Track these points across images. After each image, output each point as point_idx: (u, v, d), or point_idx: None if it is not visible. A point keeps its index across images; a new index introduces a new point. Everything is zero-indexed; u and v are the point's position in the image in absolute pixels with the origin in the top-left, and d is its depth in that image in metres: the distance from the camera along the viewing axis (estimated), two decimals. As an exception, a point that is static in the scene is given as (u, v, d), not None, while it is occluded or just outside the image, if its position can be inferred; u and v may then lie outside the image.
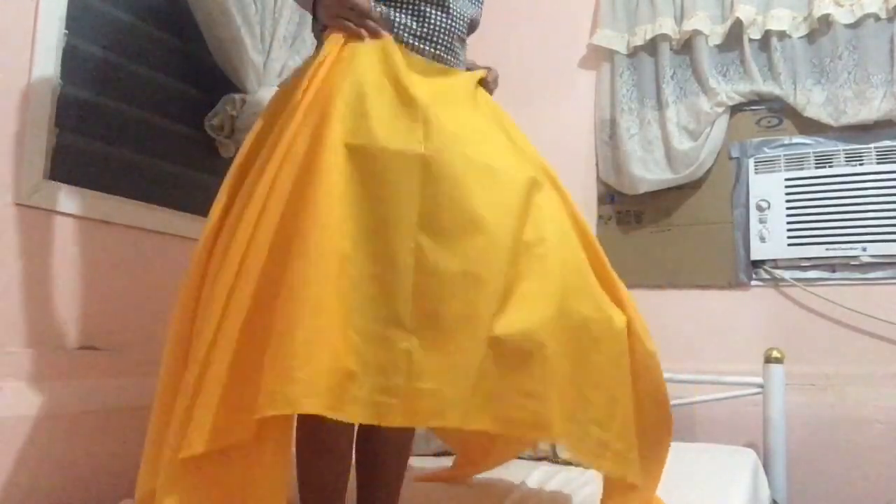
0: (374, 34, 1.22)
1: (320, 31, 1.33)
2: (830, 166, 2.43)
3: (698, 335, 2.54)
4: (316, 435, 1.14)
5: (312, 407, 0.93)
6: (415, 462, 1.89)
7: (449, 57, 1.36)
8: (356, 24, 1.22)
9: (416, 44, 1.30)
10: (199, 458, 0.99)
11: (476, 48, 3.03)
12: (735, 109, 2.58)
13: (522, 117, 3.00)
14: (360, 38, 1.21)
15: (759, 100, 2.54)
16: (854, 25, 2.39)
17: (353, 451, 1.27)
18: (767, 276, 2.49)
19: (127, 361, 1.59)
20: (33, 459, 1.36)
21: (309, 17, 2.03)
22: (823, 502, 2.28)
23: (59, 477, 1.24)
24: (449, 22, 1.34)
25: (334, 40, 1.21)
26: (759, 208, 2.50)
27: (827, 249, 2.39)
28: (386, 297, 1.02)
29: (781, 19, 2.48)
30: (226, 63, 1.82)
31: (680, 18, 2.63)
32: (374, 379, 0.99)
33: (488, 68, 1.50)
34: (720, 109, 2.55)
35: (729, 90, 2.55)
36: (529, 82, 2.95)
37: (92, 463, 1.47)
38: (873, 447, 2.25)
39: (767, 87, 2.50)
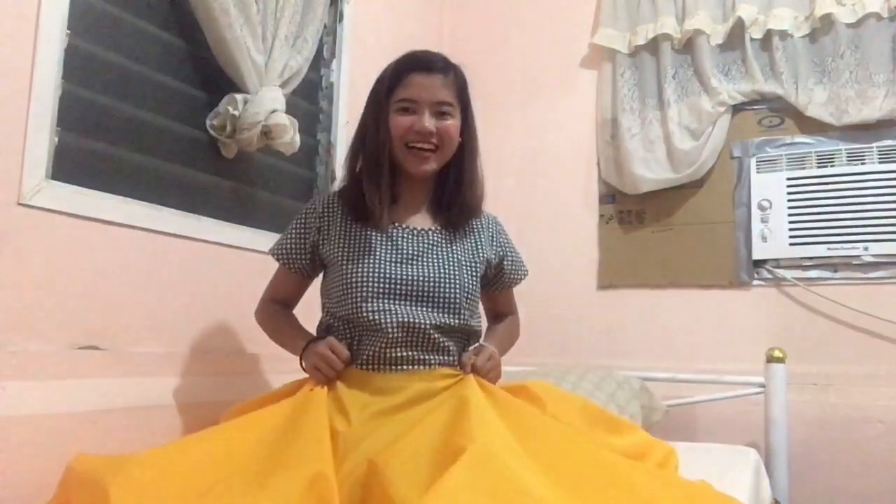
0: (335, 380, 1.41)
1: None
2: (832, 166, 2.42)
3: (700, 335, 2.54)
4: None
5: None
6: None
7: (409, 366, 1.42)
8: (325, 374, 1.40)
9: (369, 366, 1.42)
10: None
11: (478, 48, 3.04)
12: (737, 109, 2.57)
13: (524, 117, 3.02)
14: (325, 382, 1.40)
15: (760, 99, 2.54)
16: (856, 25, 2.39)
17: None
18: (769, 276, 2.48)
19: (127, 361, 1.58)
20: (34, 459, 1.36)
21: (310, 17, 2.05)
22: (825, 501, 2.28)
23: (60, 477, 1.24)
24: (403, 335, 1.41)
25: (308, 385, 1.42)
26: (761, 208, 2.49)
27: (829, 249, 2.38)
28: None
29: (783, 18, 2.47)
30: (227, 63, 1.82)
31: (681, 18, 2.62)
32: None
33: (472, 362, 1.45)
34: (722, 109, 2.55)
35: (730, 90, 2.55)
36: (531, 82, 2.95)
37: (94, 462, 1.47)
38: (875, 446, 2.25)
39: (769, 87, 2.50)
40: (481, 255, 1.56)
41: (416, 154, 1.46)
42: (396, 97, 1.46)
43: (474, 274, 1.52)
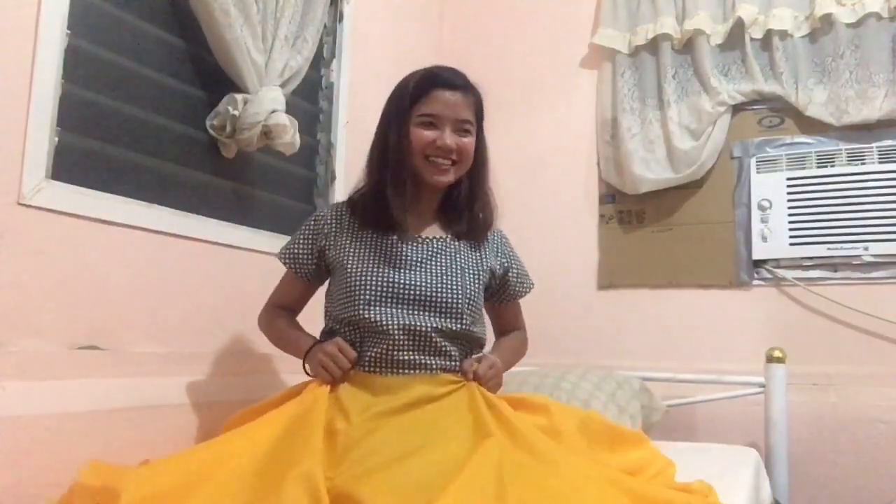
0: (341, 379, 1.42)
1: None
2: (832, 166, 2.43)
3: (700, 335, 2.54)
4: None
5: None
6: None
7: (412, 370, 1.42)
8: (332, 373, 1.41)
9: (371, 368, 1.43)
10: None
11: (478, 48, 3.04)
12: (737, 109, 2.57)
13: (524, 117, 3.02)
14: (331, 381, 1.41)
15: (760, 99, 2.54)
16: (856, 25, 2.39)
17: None
18: (769, 276, 2.48)
19: (127, 361, 1.58)
20: (34, 459, 1.36)
21: (310, 17, 2.05)
22: (825, 501, 2.28)
23: (60, 477, 1.24)
24: (405, 338, 1.42)
25: (314, 385, 1.42)
26: (761, 208, 2.49)
27: (829, 249, 2.38)
28: None
29: (783, 18, 2.47)
30: (227, 63, 1.81)
31: (681, 18, 2.62)
32: None
33: (473, 369, 1.45)
34: (722, 109, 2.55)
35: (730, 89, 2.55)
36: (531, 82, 2.95)
37: (94, 463, 1.47)
38: (875, 447, 2.25)
39: (769, 87, 2.50)
40: (485, 263, 1.58)
41: (436, 166, 1.50)
42: (419, 111, 1.50)
43: (477, 281, 1.54)
